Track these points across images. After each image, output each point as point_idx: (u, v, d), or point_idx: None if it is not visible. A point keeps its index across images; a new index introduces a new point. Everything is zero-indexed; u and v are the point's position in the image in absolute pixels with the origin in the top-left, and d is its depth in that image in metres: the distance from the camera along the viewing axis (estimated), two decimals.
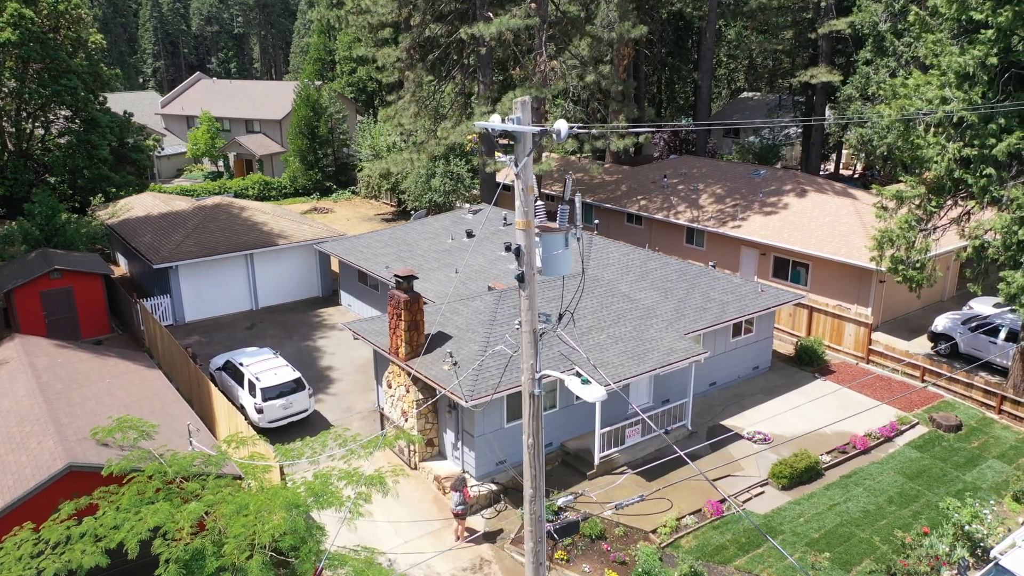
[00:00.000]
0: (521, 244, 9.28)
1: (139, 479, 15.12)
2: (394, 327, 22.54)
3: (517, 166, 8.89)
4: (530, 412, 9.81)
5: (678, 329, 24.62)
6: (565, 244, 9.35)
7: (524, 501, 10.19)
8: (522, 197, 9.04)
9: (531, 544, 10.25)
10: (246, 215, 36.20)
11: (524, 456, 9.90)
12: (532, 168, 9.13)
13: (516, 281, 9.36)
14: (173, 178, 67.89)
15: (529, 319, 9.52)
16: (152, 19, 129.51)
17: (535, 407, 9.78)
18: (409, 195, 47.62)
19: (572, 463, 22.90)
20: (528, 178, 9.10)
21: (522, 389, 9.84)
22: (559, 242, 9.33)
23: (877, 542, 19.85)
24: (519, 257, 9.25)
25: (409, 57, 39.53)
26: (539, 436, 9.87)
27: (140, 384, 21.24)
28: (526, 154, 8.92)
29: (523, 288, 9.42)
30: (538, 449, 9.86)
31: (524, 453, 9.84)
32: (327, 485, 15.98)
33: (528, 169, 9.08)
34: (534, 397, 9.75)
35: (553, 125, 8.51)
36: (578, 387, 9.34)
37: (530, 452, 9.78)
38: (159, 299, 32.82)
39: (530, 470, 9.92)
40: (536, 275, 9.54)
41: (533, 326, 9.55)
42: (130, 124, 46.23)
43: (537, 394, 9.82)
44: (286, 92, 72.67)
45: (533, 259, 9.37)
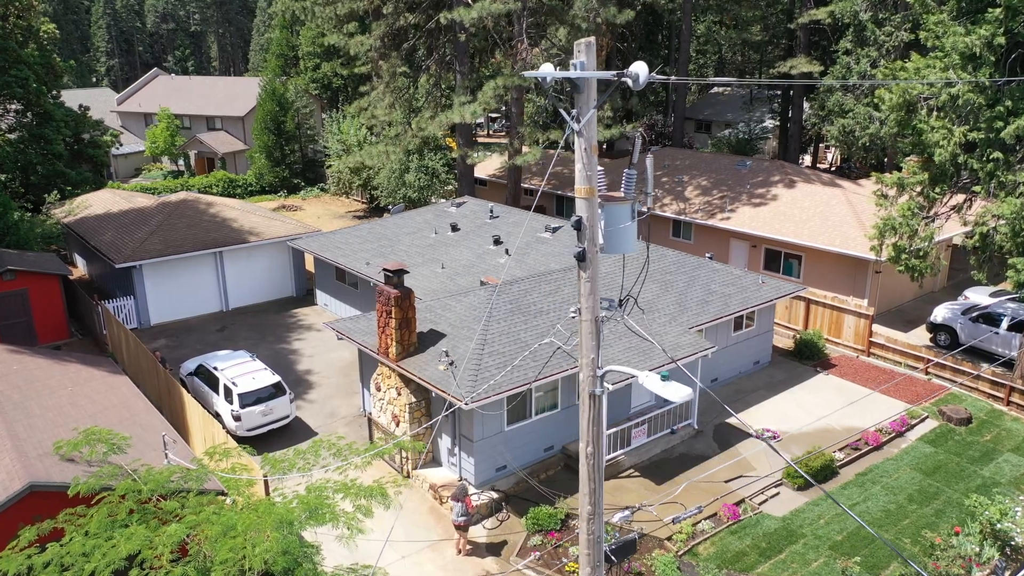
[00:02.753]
0: (583, 216, 7.87)
1: (110, 499, 13.40)
2: (383, 325, 20.96)
3: (580, 121, 7.47)
4: (589, 416, 8.41)
5: (681, 323, 23.41)
6: (632, 216, 7.97)
7: (580, 520, 8.78)
8: (585, 159, 7.63)
9: (587, 570, 8.83)
10: (214, 211, 34.23)
11: (582, 468, 8.52)
12: (596, 124, 7.73)
13: (577, 259, 7.93)
14: (131, 178, 65.05)
15: (590, 305, 8.09)
16: (105, 16, 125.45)
17: (595, 410, 8.38)
18: (382, 191, 45.92)
19: (576, 467, 21.50)
20: (591, 136, 7.69)
21: (581, 388, 8.43)
22: (625, 214, 7.94)
23: (902, 543, 18.81)
24: (580, 231, 7.83)
25: (383, 46, 37.85)
26: (599, 444, 8.48)
27: (106, 392, 19.38)
28: (591, 106, 7.51)
29: (583, 268, 8.01)
30: (598, 459, 8.47)
31: (582, 464, 8.46)
32: (322, 499, 14.40)
33: (592, 125, 7.67)
34: (594, 398, 8.35)
35: (630, 69, 7.13)
36: (658, 385, 7.95)
37: (588, 463, 8.39)
38: (122, 301, 30.73)
39: (588, 484, 8.52)
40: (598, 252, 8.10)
41: (595, 313, 8.13)
42: (86, 119, 43.87)
43: (599, 393, 8.42)
44: (248, 88, 70.30)
45: (596, 233, 7.96)
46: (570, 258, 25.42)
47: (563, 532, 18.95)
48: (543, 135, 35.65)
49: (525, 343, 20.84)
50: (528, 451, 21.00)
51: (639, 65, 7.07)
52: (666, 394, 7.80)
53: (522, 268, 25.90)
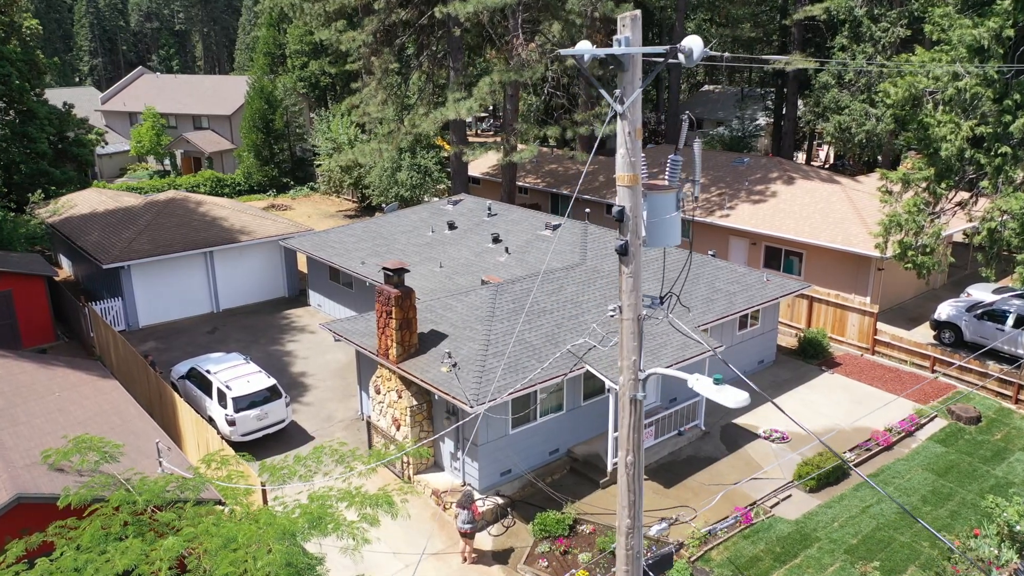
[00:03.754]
0: (625, 205, 7.27)
1: (103, 510, 12.67)
2: (383, 326, 20.30)
3: (623, 102, 6.88)
4: (630, 422, 7.81)
5: (687, 322, 22.86)
6: (676, 206, 7.39)
7: (619, 534, 8.19)
8: (629, 143, 7.04)
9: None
10: (203, 210, 33.41)
11: (621, 479, 7.91)
12: (640, 105, 7.14)
13: (618, 253, 7.33)
14: (116, 178, 63.89)
15: (632, 303, 7.49)
16: (88, 15, 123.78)
17: (635, 416, 7.78)
18: (374, 189, 45.17)
19: (582, 470, 20.95)
20: (636, 118, 7.10)
21: (620, 392, 7.83)
22: (669, 204, 7.36)
23: (920, 546, 18.34)
24: (622, 222, 7.24)
25: (375, 41, 37.12)
26: (639, 452, 7.88)
27: (96, 397, 18.61)
28: (636, 86, 6.92)
29: (625, 263, 7.41)
30: (637, 469, 7.88)
31: (621, 474, 7.87)
32: (325, 508, 13.74)
33: (637, 106, 7.08)
34: (635, 403, 7.75)
35: (683, 43, 6.54)
36: (711, 390, 7.33)
37: (628, 473, 7.79)
38: (109, 302, 29.88)
39: (628, 495, 7.91)
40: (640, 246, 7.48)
41: (637, 312, 7.53)
42: (70, 117, 42.87)
43: (640, 398, 7.82)
44: (235, 87, 69.34)
45: (640, 225, 7.36)
46: (572, 256, 24.86)
47: (571, 538, 18.37)
48: (539, 131, 34.98)
49: (530, 344, 20.25)
50: (533, 454, 20.40)
51: (693, 39, 6.50)
52: (720, 399, 7.21)
53: (523, 267, 25.30)
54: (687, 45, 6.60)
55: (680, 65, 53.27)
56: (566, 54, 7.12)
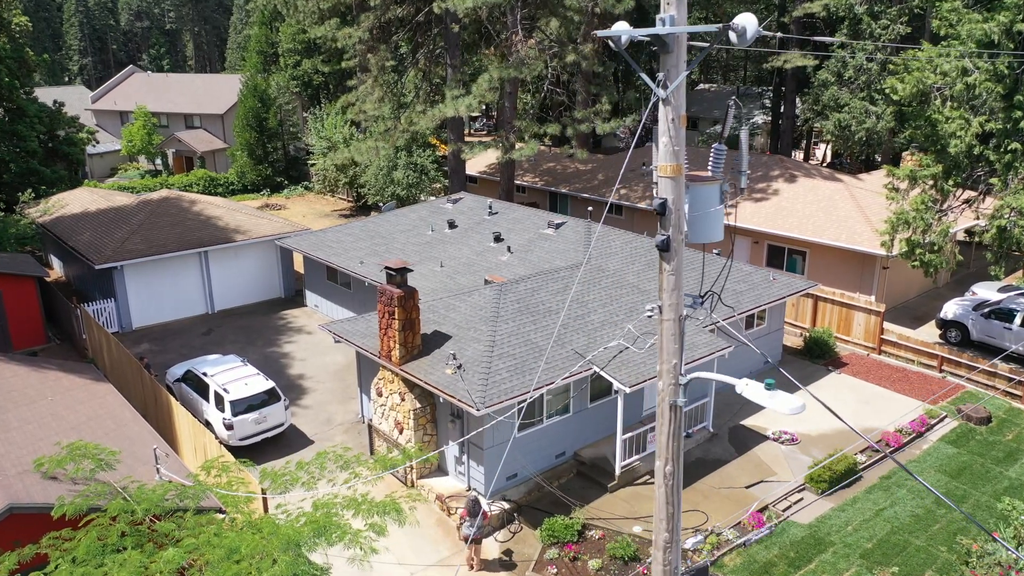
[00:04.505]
0: (668, 198, 6.80)
1: (100, 521, 12.13)
2: (385, 327, 19.79)
3: (667, 87, 6.42)
4: (669, 429, 7.34)
5: (695, 322, 22.41)
6: (720, 200, 6.93)
7: (655, 548, 7.73)
8: (672, 131, 6.57)
9: None
10: (198, 209, 32.81)
11: (658, 490, 7.45)
12: (684, 89, 6.68)
13: (658, 250, 6.85)
14: (107, 177, 63.09)
15: (673, 302, 7.02)
16: (78, 14, 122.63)
17: (675, 423, 7.31)
18: (369, 188, 44.59)
19: (589, 474, 20.49)
20: (680, 104, 6.64)
21: (659, 398, 7.35)
22: (712, 196, 6.90)
23: (936, 550, 17.96)
24: (664, 215, 6.77)
25: (371, 38, 36.59)
26: (678, 462, 7.42)
27: (89, 401, 18.04)
28: (681, 69, 6.46)
29: (667, 259, 6.93)
30: (676, 480, 7.41)
31: (658, 485, 7.40)
32: (331, 516, 13.22)
33: (681, 91, 6.62)
34: (675, 409, 7.28)
35: (736, 21, 6.09)
36: (762, 396, 6.87)
37: (667, 484, 7.32)
38: (102, 304, 29.25)
39: (665, 508, 7.44)
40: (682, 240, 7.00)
41: (679, 312, 7.06)
42: (61, 115, 42.20)
43: (680, 404, 7.36)
44: (228, 85, 68.59)
45: (683, 219, 6.89)
46: (576, 255, 24.40)
47: (580, 544, 17.91)
48: (539, 128, 34.53)
49: (535, 344, 19.78)
50: (540, 458, 19.93)
51: (746, 17, 6.05)
52: (772, 405, 6.74)
53: (526, 266, 24.83)
54: (740, 23, 6.14)
55: None
56: (603, 35, 6.66)
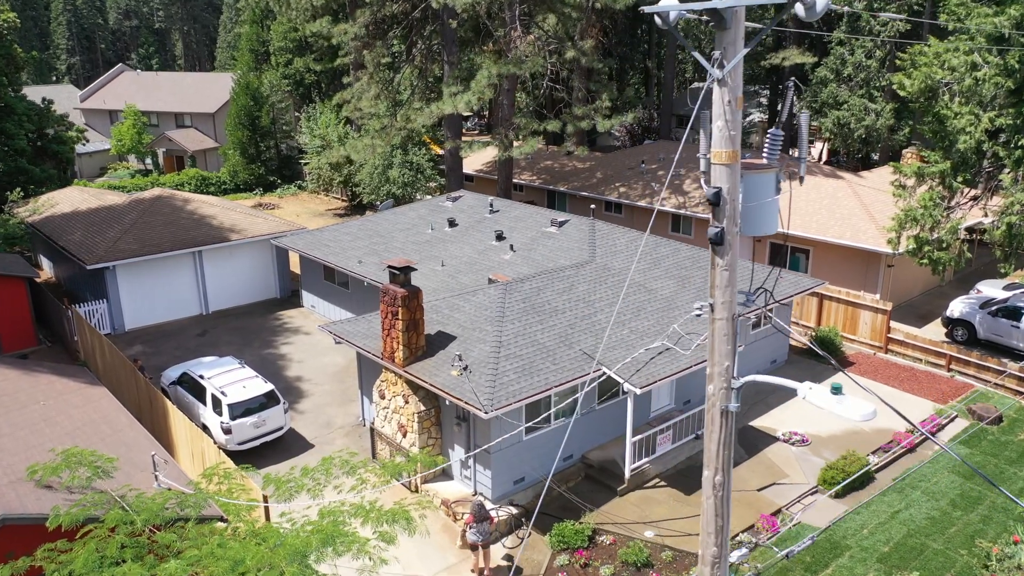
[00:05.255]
0: (722, 187, 6.32)
1: (98, 532, 11.58)
2: (388, 328, 19.25)
3: (723, 66, 5.94)
4: (720, 437, 6.85)
5: (704, 322, 21.97)
6: (776, 189, 6.45)
7: (702, 563, 7.25)
8: (728, 114, 6.09)
9: None
10: (191, 208, 32.15)
11: (707, 501, 6.96)
12: (742, 69, 6.19)
13: (711, 243, 6.36)
14: (96, 177, 62.18)
15: (727, 299, 6.53)
16: (65, 12, 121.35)
17: (726, 430, 6.82)
18: (364, 187, 43.96)
19: (597, 477, 20.01)
20: (737, 85, 6.17)
21: (709, 403, 6.87)
22: (768, 185, 6.42)
23: (955, 554, 17.56)
24: (718, 206, 6.29)
25: (367, 34, 36.02)
26: (728, 472, 6.94)
27: (83, 406, 17.44)
28: (739, 47, 5.98)
29: (720, 254, 6.45)
30: (727, 490, 6.93)
31: (706, 496, 6.91)
32: (338, 525, 12.68)
33: (738, 71, 6.14)
34: (727, 415, 6.80)
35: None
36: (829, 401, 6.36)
37: (716, 495, 6.84)
38: (94, 305, 28.57)
39: (715, 520, 6.95)
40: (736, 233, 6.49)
41: (732, 310, 6.58)
42: (50, 113, 41.39)
43: (733, 409, 6.88)
44: (219, 84, 67.84)
45: (737, 210, 6.41)
46: (580, 253, 23.92)
47: (591, 550, 17.44)
48: (539, 125, 34.04)
49: (543, 345, 19.29)
50: (547, 461, 19.42)
51: None
52: (841, 411, 6.26)
53: (529, 265, 24.34)
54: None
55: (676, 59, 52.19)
56: (651, 11, 6.18)
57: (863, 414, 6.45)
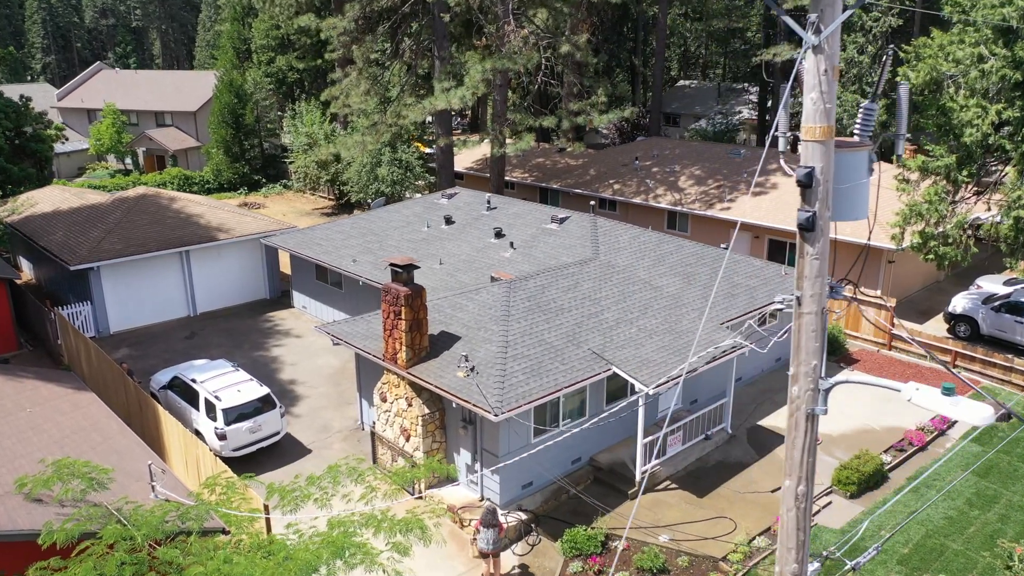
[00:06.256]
0: (815, 166, 5.72)
1: (95, 549, 10.80)
2: (391, 328, 18.55)
3: (820, 31, 5.36)
4: (804, 443, 6.26)
5: (711, 319, 21.48)
6: (869, 170, 5.88)
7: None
8: (824, 85, 5.51)
9: None
10: (177, 207, 31.22)
11: (788, 513, 6.36)
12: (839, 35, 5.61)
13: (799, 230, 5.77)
14: (74, 177, 60.76)
15: (816, 292, 5.94)
16: (40, 11, 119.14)
17: (811, 435, 6.24)
18: (352, 186, 43.12)
19: (607, 480, 19.43)
20: (834, 52, 5.59)
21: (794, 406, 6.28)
22: (861, 165, 5.84)
23: (975, 554, 17.15)
24: (809, 187, 5.70)
25: (357, 29, 35.24)
26: (812, 481, 6.35)
27: (72, 412, 16.59)
28: (838, 11, 5.40)
29: (810, 241, 5.84)
30: (808, 503, 6.34)
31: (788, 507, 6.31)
32: (349, 536, 11.98)
33: (836, 37, 5.57)
34: (812, 419, 6.22)
35: None
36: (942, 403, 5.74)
37: (798, 506, 6.24)
38: (77, 307, 27.59)
39: (797, 534, 6.35)
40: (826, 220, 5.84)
41: (822, 303, 5.98)
42: (28, 111, 40.09)
43: (820, 413, 6.30)
44: (200, 82, 66.64)
45: (830, 192, 5.82)
46: (583, 251, 23.33)
47: (604, 556, 16.83)
48: (535, 121, 33.42)
49: (550, 344, 18.68)
50: (555, 465, 18.81)
51: None
52: (956, 414, 5.67)
53: (530, 262, 23.71)
54: None
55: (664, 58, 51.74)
56: None
57: (982, 416, 5.89)
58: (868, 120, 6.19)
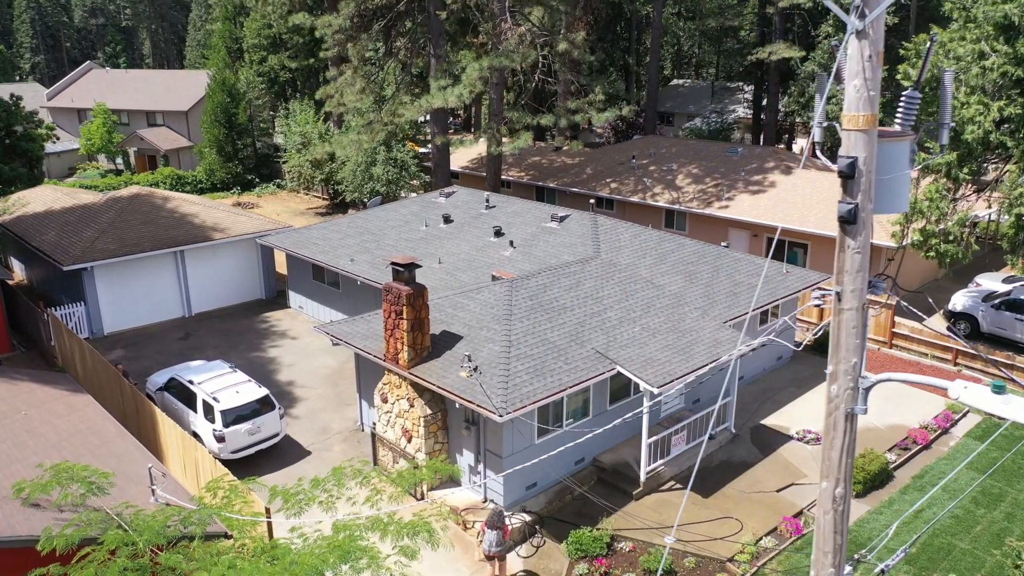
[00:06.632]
0: (858, 156, 5.53)
1: (96, 555, 10.54)
2: (392, 328, 18.30)
3: (864, 16, 5.16)
4: (843, 443, 6.06)
5: (714, 317, 21.32)
6: (910, 161, 5.70)
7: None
8: (868, 71, 5.33)
9: None
10: (171, 206, 30.87)
11: (824, 518, 6.16)
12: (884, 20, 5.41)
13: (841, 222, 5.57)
14: (65, 177, 60.18)
15: (857, 287, 5.74)
16: (29, 10, 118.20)
17: (850, 435, 6.05)
18: (347, 185, 42.81)
19: (611, 480, 19.22)
20: (879, 37, 5.40)
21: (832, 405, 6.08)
22: (903, 155, 5.65)
23: (983, 553, 17.04)
24: (852, 179, 5.51)
25: (352, 27, 34.95)
26: (849, 482, 6.16)
27: (68, 415, 16.28)
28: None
29: (852, 234, 5.64)
30: (847, 505, 6.16)
31: (826, 510, 6.11)
32: (355, 540, 11.73)
33: (880, 21, 5.37)
34: (851, 419, 6.02)
35: None
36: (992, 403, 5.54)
37: (835, 509, 6.04)
38: (71, 308, 27.22)
39: (834, 538, 6.14)
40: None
41: (863, 299, 5.79)
42: (19, 110, 39.65)
43: (859, 412, 6.11)
44: (192, 82, 66.11)
45: (872, 183, 5.62)
46: (584, 249, 23.13)
47: (611, 558, 16.64)
48: (533, 119, 33.20)
49: (553, 343, 18.47)
50: (559, 465, 18.58)
51: None
52: (1007, 413, 5.47)
53: (530, 261, 23.50)
54: None
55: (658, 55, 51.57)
56: None
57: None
58: (910, 109, 6.00)
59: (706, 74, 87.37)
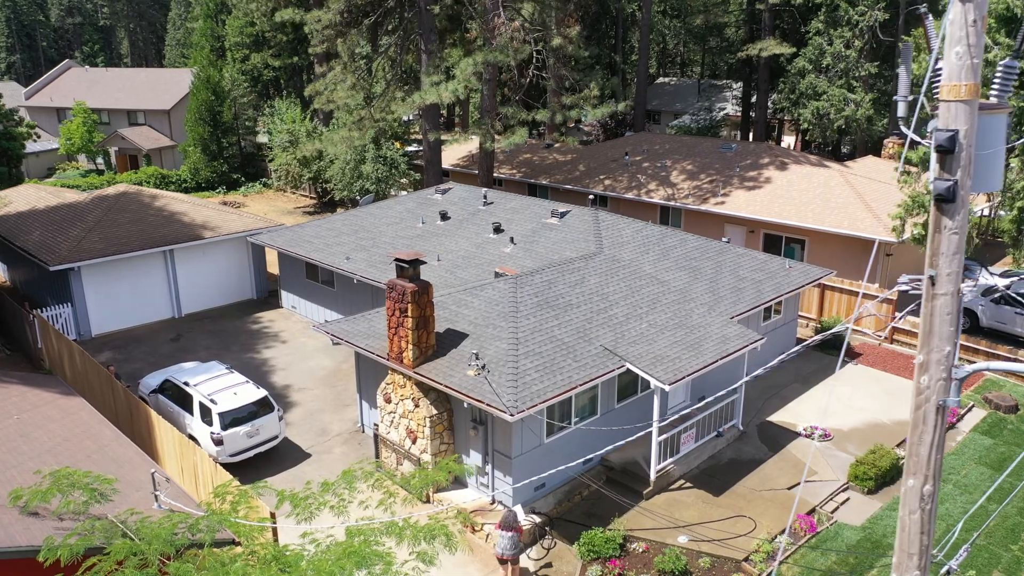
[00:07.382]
0: (959, 129, 5.16)
1: (102, 566, 9.99)
2: (396, 326, 17.83)
3: None
4: (933, 439, 5.71)
5: (720, 313, 21.02)
6: (1006, 135, 5.35)
7: None
8: (972, 37, 4.96)
9: None
10: (160, 204, 30.16)
11: (911, 516, 5.80)
12: None
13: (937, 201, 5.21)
14: (45, 178, 59.04)
15: (953, 270, 5.37)
16: (4, 8, 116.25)
17: (940, 429, 5.69)
18: (336, 183, 42.20)
19: (620, 480, 18.86)
20: (983, 2, 5.04)
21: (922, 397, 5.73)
22: (999, 130, 5.30)
23: (999, 549, 16.83)
24: (952, 153, 5.14)
25: (342, 22, 34.38)
26: (938, 479, 5.81)
27: (62, 419, 15.67)
28: None
29: (949, 214, 5.28)
30: (934, 503, 5.81)
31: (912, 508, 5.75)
32: (369, 545, 11.27)
33: None
34: (942, 412, 5.67)
35: None
36: None
37: (923, 508, 5.68)
38: (57, 309, 26.49)
39: (920, 539, 5.78)
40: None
41: (958, 283, 5.43)
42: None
43: (952, 404, 5.76)
44: (174, 80, 65.15)
45: (972, 159, 5.26)
46: (586, 245, 22.76)
47: (624, 559, 16.27)
48: (528, 115, 32.80)
49: (561, 341, 18.08)
50: (568, 465, 18.19)
51: None
52: None
53: (532, 257, 23.10)
54: None
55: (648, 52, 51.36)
56: None
57: None
58: (1008, 79, 5.66)
59: (691, 72, 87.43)
